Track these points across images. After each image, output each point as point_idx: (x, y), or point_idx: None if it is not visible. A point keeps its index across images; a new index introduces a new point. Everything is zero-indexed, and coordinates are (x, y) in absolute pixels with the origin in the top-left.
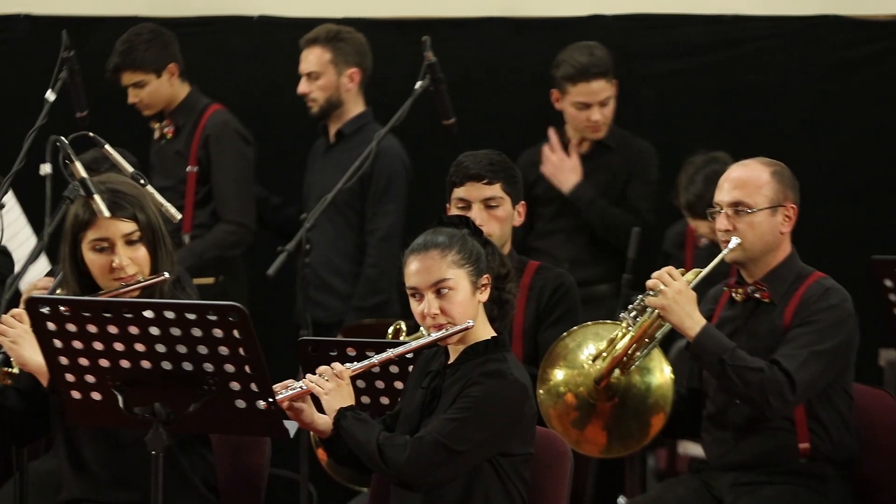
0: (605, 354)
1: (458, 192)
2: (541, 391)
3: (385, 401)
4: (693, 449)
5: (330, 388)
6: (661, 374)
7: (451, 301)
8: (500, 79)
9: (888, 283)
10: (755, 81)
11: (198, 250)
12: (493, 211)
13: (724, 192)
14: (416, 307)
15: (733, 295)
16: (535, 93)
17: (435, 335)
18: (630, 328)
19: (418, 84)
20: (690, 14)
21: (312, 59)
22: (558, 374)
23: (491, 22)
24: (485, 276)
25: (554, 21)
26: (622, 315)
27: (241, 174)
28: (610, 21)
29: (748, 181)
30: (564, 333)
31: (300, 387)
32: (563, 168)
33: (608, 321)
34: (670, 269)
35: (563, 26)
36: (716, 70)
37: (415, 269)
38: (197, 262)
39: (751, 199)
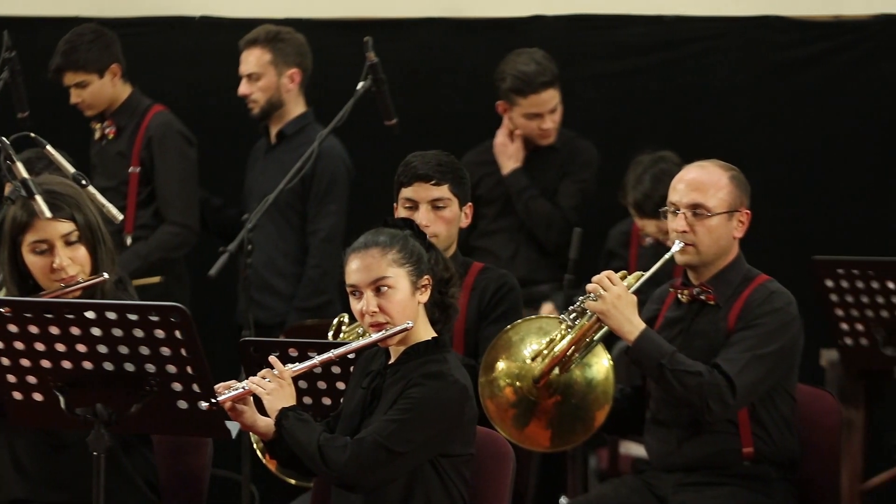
0: (544, 353)
1: (406, 193)
2: (482, 380)
3: (327, 401)
4: (635, 449)
5: (271, 389)
6: (601, 368)
7: (390, 299)
8: (442, 79)
9: (829, 283)
10: (697, 82)
11: (143, 252)
12: (441, 212)
13: (682, 193)
14: (356, 305)
15: (679, 296)
16: (477, 93)
17: (375, 336)
18: (570, 330)
19: (360, 84)
20: (632, 15)
21: (252, 60)
22: (500, 366)
23: (432, 22)
24: (425, 276)
25: (496, 21)
26: (562, 316)
27: (184, 175)
28: (552, 22)
29: (707, 184)
30: (508, 326)
31: (242, 388)
32: (504, 152)
33: (553, 316)
34: (610, 273)
35: (505, 27)
36: (658, 71)
37: (355, 267)
38: (142, 265)
39: (710, 202)
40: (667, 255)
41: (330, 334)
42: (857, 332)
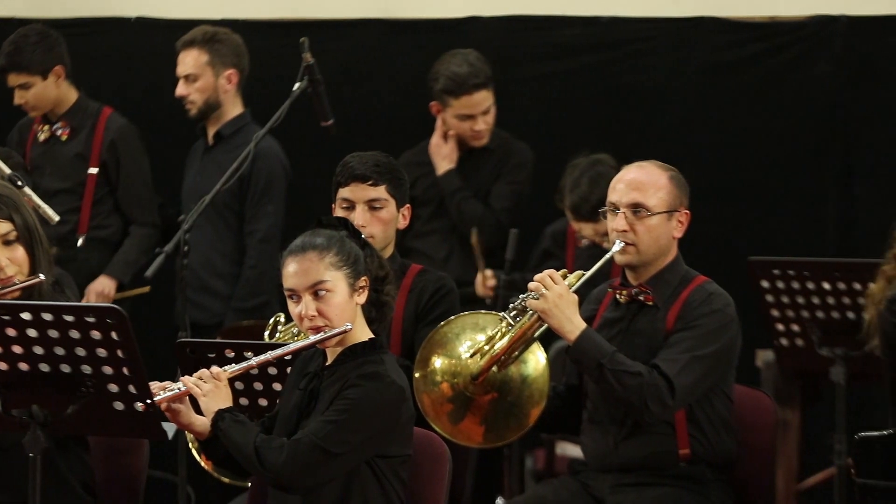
0: (484, 351)
1: (343, 193)
2: (417, 375)
3: (263, 402)
4: (572, 450)
5: (208, 390)
6: (536, 365)
7: (328, 303)
8: (378, 80)
9: (765, 284)
10: (633, 82)
11: (132, 259)
12: (377, 213)
13: (621, 193)
14: (294, 308)
15: (617, 296)
16: (413, 94)
17: (313, 338)
18: (510, 328)
19: (296, 85)
20: (568, 16)
21: (190, 61)
22: (436, 363)
23: (368, 23)
24: (363, 278)
25: (432, 22)
26: (502, 314)
27: (147, 176)
28: (487, 22)
29: (647, 184)
30: (443, 322)
31: (178, 388)
32: (438, 153)
33: (489, 311)
34: (552, 272)
35: (441, 28)
36: (594, 71)
37: (292, 271)
38: (134, 271)
39: (649, 201)
40: (607, 256)
41: (266, 334)
42: (793, 333)
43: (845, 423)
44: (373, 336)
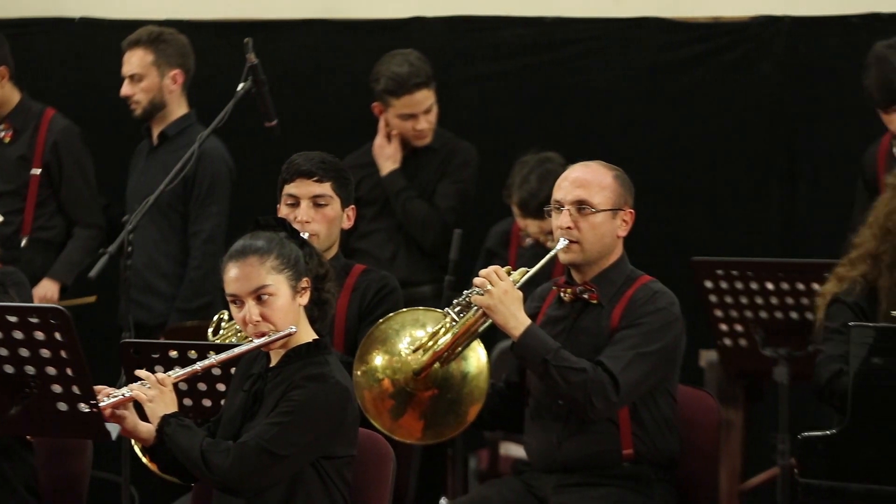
0: (427, 346)
1: (289, 189)
2: (357, 373)
3: (207, 403)
4: (515, 450)
5: (153, 396)
6: (477, 362)
7: (271, 307)
8: (322, 80)
9: (708, 284)
10: (576, 83)
11: (76, 259)
12: (322, 209)
13: (566, 191)
14: (237, 313)
15: (561, 294)
16: (358, 94)
17: (258, 342)
18: (454, 324)
19: (240, 86)
20: (512, 16)
21: (135, 61)
22: (377, 359)
23: (313, 24)
24: (304, 279)
25: (376, 23)
26: (446, 310)
27: (90, 177)
28: (431, 23)
29: (592, 181)
30: (382, 319)
31: (123, 394)
32: (382, 153)
33: (430, 308)
34: (497, 268)
35: (385, 28)
36: (537, 72)
37: (234, 276)
38: (78, 272)
39: (594, 199)
40: (551, 253)
41: (210, 331)
42: (737, 333)
43: (788, 423)
44: (317, 337)
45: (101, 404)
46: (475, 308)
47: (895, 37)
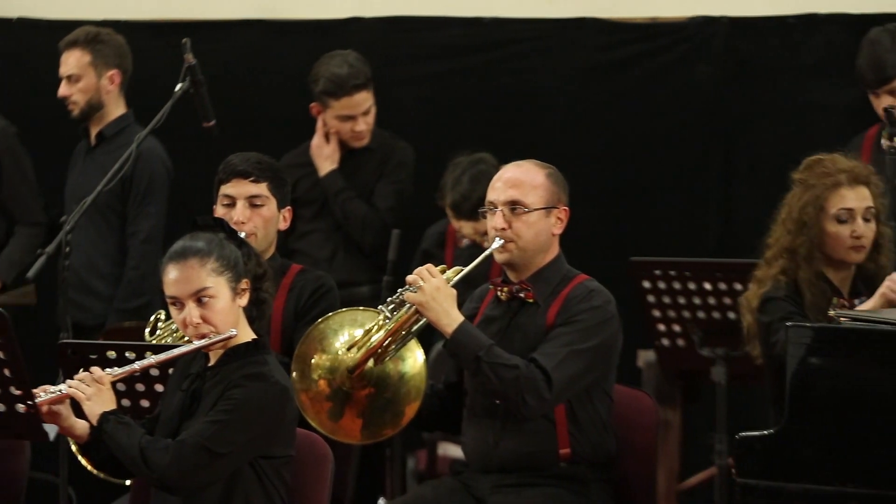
0: (361, 344)
1: (225, 189)
2: (294, 373)
3: (145, 403)
4: (453, 450)
5: (91, 393)
6: (414, 362)
7: (212, 309)
8: (260, 81)
9: (646, 284)
10: (515, 83)
11: (16, 259)
12: (258, 210)
13: (499, 192)
14: (177, 315)
15: (498, 293)
16: (296, 94)
17: (197, 343)
18: (387, 321)
19: (178, 86)
20: (450, 17)
21: (72, 61)
22: (314, 359)
23: (251, 24)
24: (244, 280)
25: (314, 23)
26: (380, 307)
27: (30, 176)
28: (370, 23)
29: (524, 181)
30: (320, 319)
31: (60, 391)
32: (320, 154)
33: (368, 308)
34: (430, 266)
35: (323, 28)
36: (476, 72)
37: (174, 278)
38: (18, 270)
39: (527, 198)
40: (486, 252)
41: (147, 332)
42: (674, 333)
43: (726, 423)
44: (255, 337)
45: (38, 400)
46: (408, 305)
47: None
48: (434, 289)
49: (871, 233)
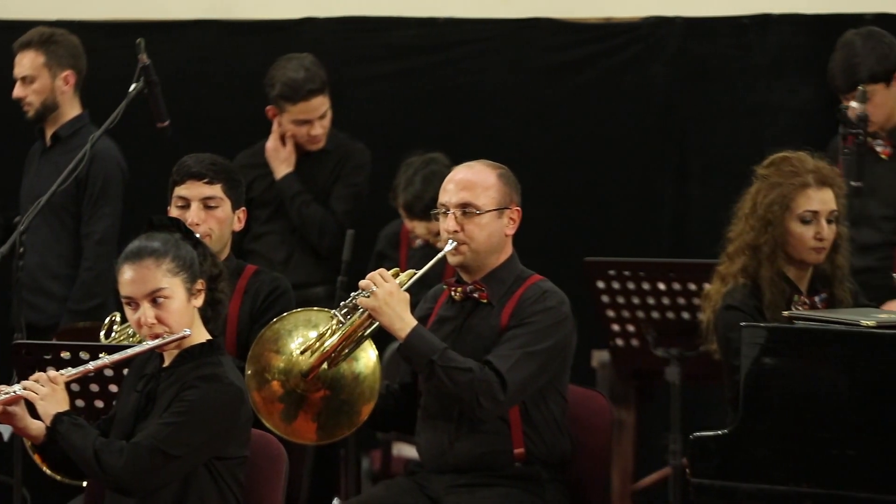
0: (315, 348)
1: (179, 191)
2: (249, 372)
3: (99, 404)
4: (408, 451)
5: (45, 394)
6: (368, 362)
7: (167, 310)
8: (214, 81)
9: (601, 284)
10: (469, 83)
11: None
12: (213, 211)
13: (451, 194)
14: (132, 315)
15: (452, 294)
16: (250, 94)
17: (152, 343)
18: (341, 325)
19: (133, 87)
20: (405, 17)
21: (26, 62)
22: (268, 360)
23: (205, 24)
24: (199, 281)
25: (268, 23)
26: (334, 312)
27: None
28: (323, 24)
29: (475, 183)
30: (275, 319)
31: (14, 391)
32: (276, 157)
33: (322, 309)
34: (382, 270)
35: (277, 28)
36: (430, 72)
37: (129, 278)
38: None
39: (478, 200)
40: (439, 255)
41: (102, 334)
42: (628, 333)
43: (680, 423)
44: (210, 337)
45: None
46: (361, 310)
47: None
48: (387, 293)
49: (833, 235)
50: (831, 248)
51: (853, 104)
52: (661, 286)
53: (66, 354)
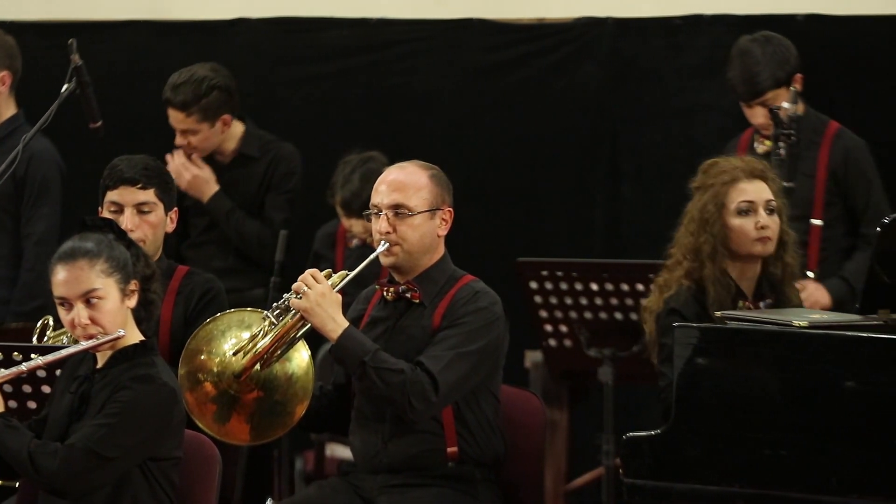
0: (247, 349)
1: (111, 196)
2: (181, 371)
3: (32, 405)
4: (341, 451)
5: None
6: (301, 363)
7: (100, 310)
8: (147, 82)
9: (533, 284)
10: (402, 84)
11: None
12: (146, 216)
13: (383, 195)
14: (66, 316)
15: (384, 294)
16: None
17: (85, 344)
18: (273, 327)
19: (65, 87)
20: (337, 17)
21: None
22: (201, 360)
23: (137, 24)
24: (133, 281)
25: (201, 24)
26: (266, 313)
27: None
28: (256, 24)
29: (407, 184)
30: (208, 319)
31: None
32: (197, 185)
33: (255, 309)
34: (314, 271)
35: (210, 29)
36: (363, 73)
37: (62, 279)
38: None
39: (410, 202)
40: (372, 256)
41: (34, 338)
42: (561, 334)
43: (613, 424)
44: (143, 338)
45: None
46: (294, 311)
47: (757, 32)
48: (319, 295)
49: (776, 226)
50: (780, 246)
51: (785, 104)
52: (594, 287)
53: None
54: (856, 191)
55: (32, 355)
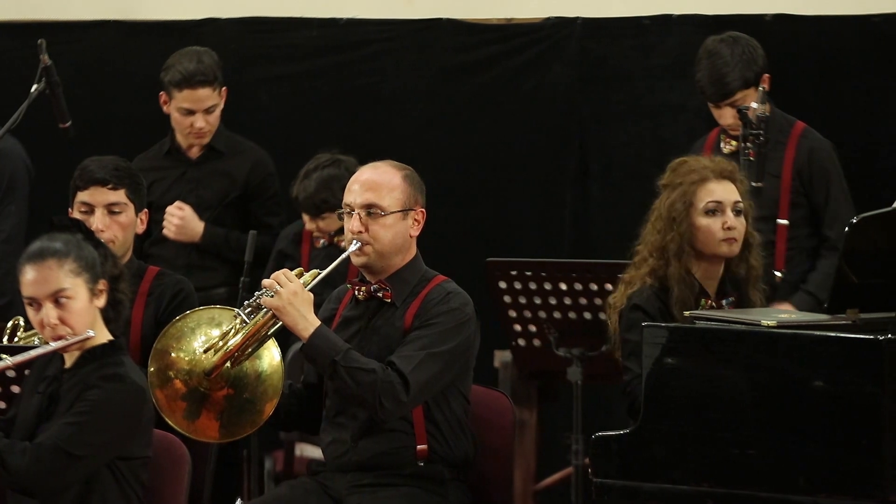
0: (218, 347)
1: (82, 196)
2: (151, 368)
3: (1, 405)
4: (311, 451)
5: None
6: (271, 361)
7: (69, 310)
8: (116, 82)
9: (503, 284)
10: (371, 84)
11: None
12: (117, 217)
13: (356, 194)
14: (34, 316)
15: (356, 293)
16: (152, 95)
17: (54, 345)
18: (244, 325)
19: (34, 87)
20: (306, 17)
21: None
22: (171, 357)
23: (106, 25)
24: (101, 281)
25: (170, 24)
26: (237, 311)
27: None
28: (224, 24)
29: (380, 184)
30: (178, 317)
31: None
32: (186, 226)
33: (226, 307)
34: (286, 270)
35: (179, 29)
36: (332, 73)
37: (31, 279)
38: None
39: (383, 201)
40: (343, 255)
41: (5, 338)
42: (530, 333)
43: (582, 423)
44: (112, 338)
45: None
46: (265, 310)
47: (724, 33)
48: (290, 293)
49: (742, 227)
50: (745, 248)
51: (753, 105)
52: (563, 286)
53: None
54: (818, 189)
55: (2, 356)
